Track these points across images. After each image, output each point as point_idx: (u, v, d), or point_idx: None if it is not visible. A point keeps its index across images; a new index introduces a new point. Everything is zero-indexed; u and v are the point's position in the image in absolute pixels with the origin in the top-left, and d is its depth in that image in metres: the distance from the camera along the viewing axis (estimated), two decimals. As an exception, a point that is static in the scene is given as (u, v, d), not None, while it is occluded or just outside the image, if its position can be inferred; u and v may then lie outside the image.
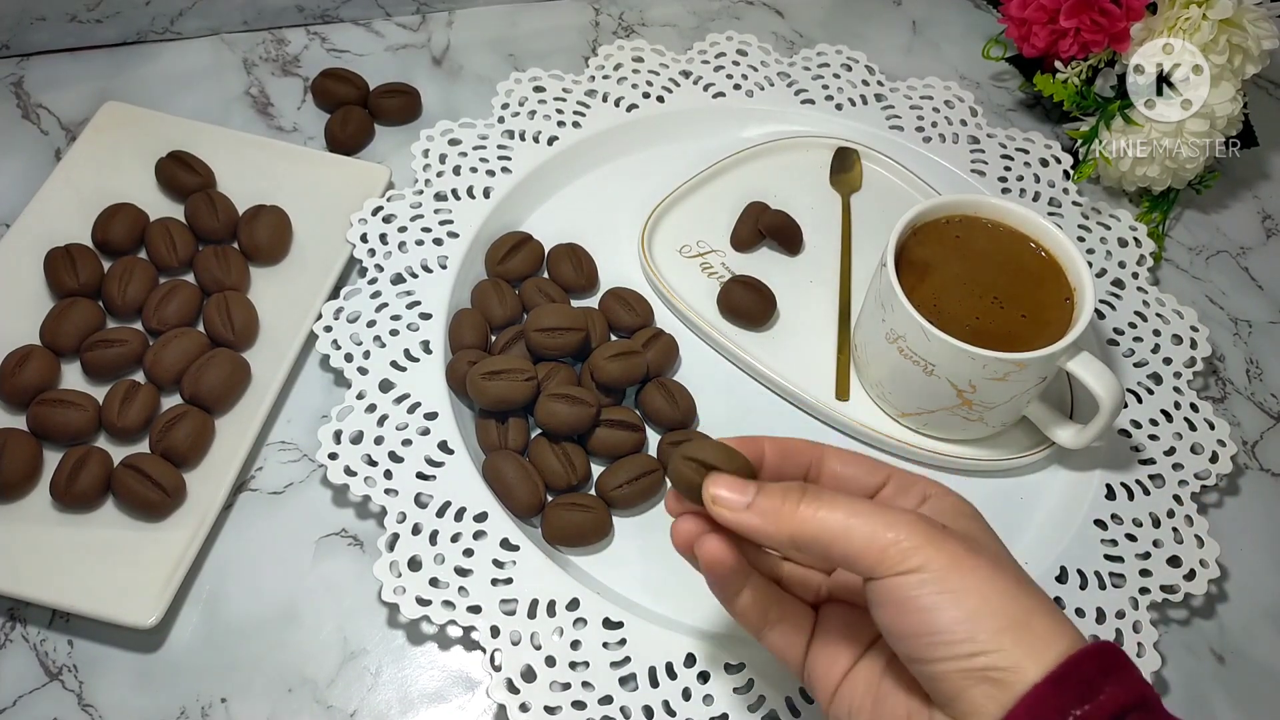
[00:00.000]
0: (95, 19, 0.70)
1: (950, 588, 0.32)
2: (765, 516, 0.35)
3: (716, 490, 0.36)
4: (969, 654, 0.32)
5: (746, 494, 0.35)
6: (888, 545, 0.33)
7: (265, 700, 0.49)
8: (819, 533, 0.34)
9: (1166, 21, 0.64)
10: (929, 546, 0.33)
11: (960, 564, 0.32)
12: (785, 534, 0.34)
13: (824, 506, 0.34)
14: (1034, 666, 0.31)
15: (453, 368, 0.55)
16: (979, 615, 0.32)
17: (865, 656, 0.38)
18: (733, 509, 0.35)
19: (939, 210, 0.56)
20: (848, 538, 0.33)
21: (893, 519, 0.33)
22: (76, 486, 0.51)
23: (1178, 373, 0.60)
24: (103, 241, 0.60)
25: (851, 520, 0.34)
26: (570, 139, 0.66)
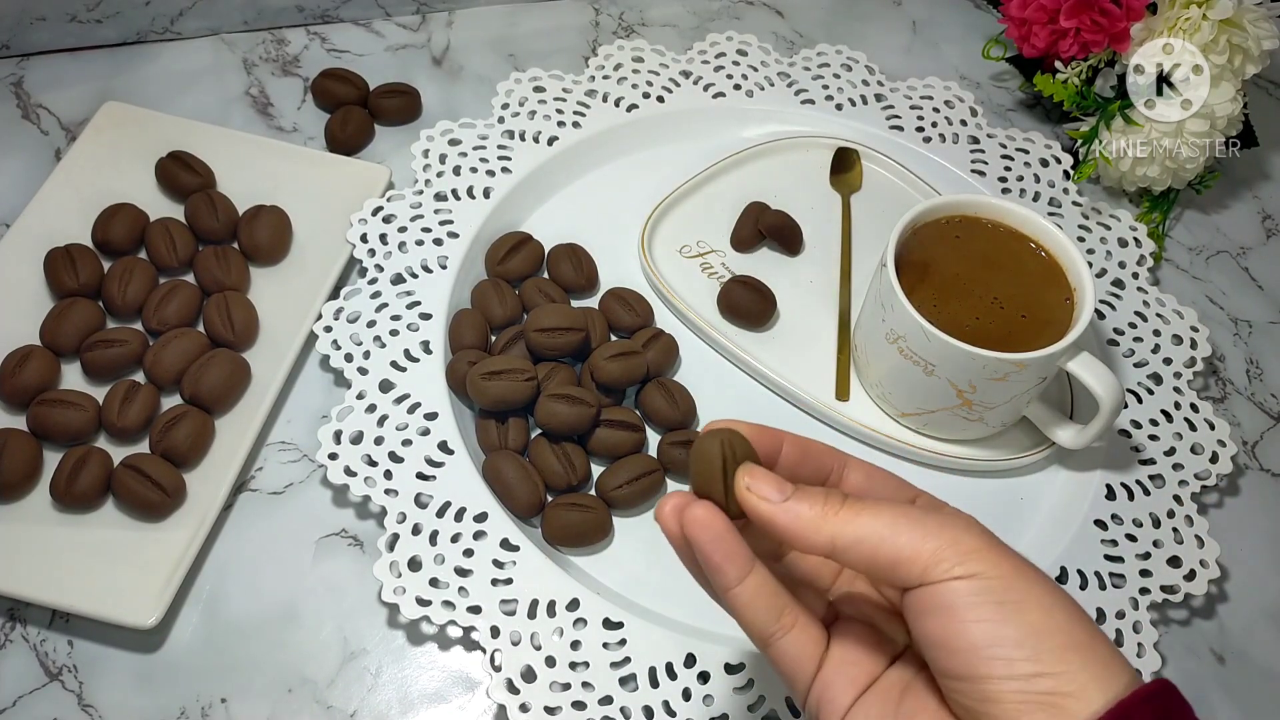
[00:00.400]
0: (95, 19, 0.70)
1: (1012, 598, 0.29)
2: (803, 515, 0.31)
3: (752, 480, 0.32)
4: (1031, 674, 0.28)
5: (784, 490, 0.32)
6: (942, 547, 0.29)
7: (265, 700, 0.49)
8: (863, 534, 0.31)
9: (1166, 21, 0.64)
10: (989, 551, 0.29)
11: (1023, 573, 0.29)
12: (825, 535, 0.31)
13: (867, 510, 0.31)
14: (1099, 696, 0.28)
15: (453, 368, 0.55)
16: (1044, 631, 0.29)
17: (883, 677, 0.34)
18: (770, 500, 0.32)
19: (939, 210, 0.56)
20: (895, 539, 0.30)
21: (945, 521, 0.30)
22: (76, 487, 0.51)
23: (1178, 373, 0.60)
24: (103, 241, 0.60)
25: (899, 520, 0.30)
26: (570, 139, 0.66)
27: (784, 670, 0.34)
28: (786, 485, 0.32)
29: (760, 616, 0.33)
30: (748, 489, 0.32)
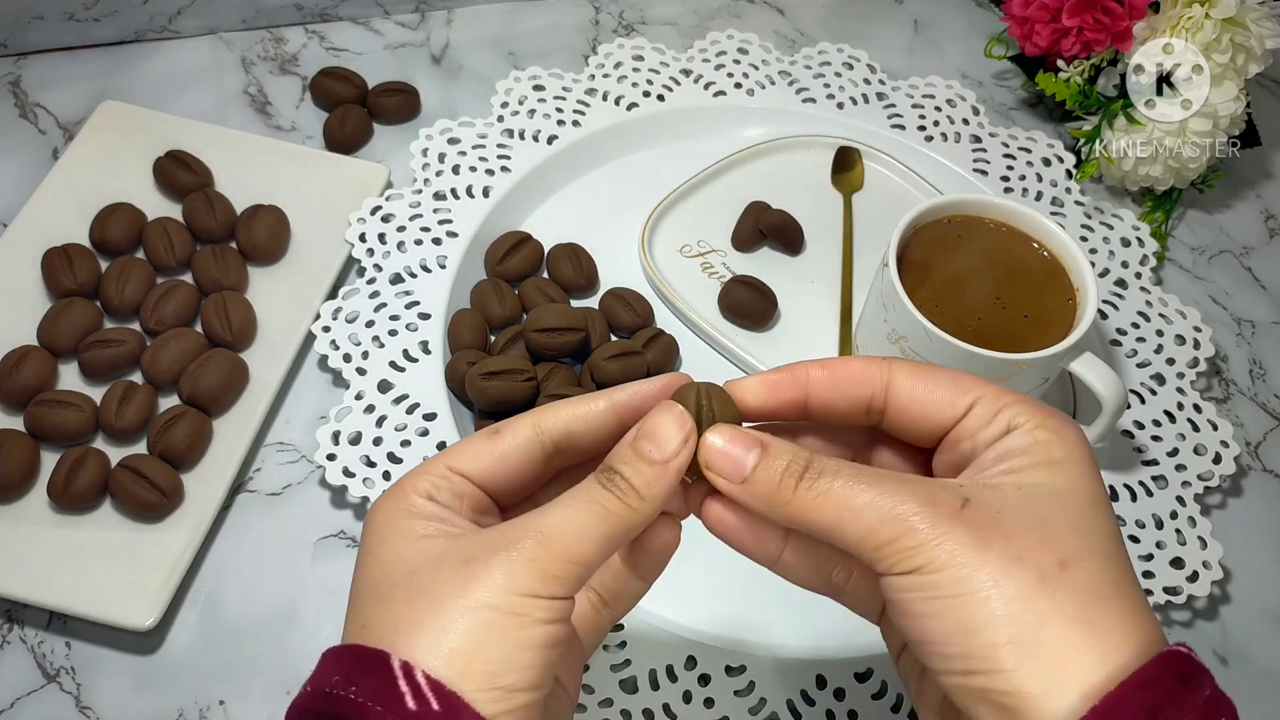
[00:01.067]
0: (93, 18, 0.70)
1: (946, 591, 0.27)
2: (759, 498, 0.30)
3: (710, 459, 0.31)
4: (965, 671, 0.27)
5: (745, 465, 0.30)
6: (883, 543, 0.28)
7: (264, 702, 0.49)
8: (816, 523, 0.29)
9: (1169, 20, 0.63)
10: (930, 544, 0.27)
11: (963, 561, 0.27)
12: (782, 520, 0.30)
13: (820, 494, 0.29)
14: (1044, 695, 0.25)
15: (452, 368, 0.55)
16: (974, 627, 0.26)
17: None
18: (730, 480, 0.30)
19: (941, 210, 0.56)
20: (843, 531, 0.29)
21: (894, 510, 0.28)
22: (74, 487, 0.51)
23: (1181, 373, 0.59)
24: (100, 241, 0.60)
25: (845, 513, 0.29)
26: (570, 138, 0.65)
27: (858, 613, 0.35)
28: (744, 463, 0.30)
29: (810, 580, 0.34)
30: (706, 467, 0.31)
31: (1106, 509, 0.29)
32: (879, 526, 0.28)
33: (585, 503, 0.30)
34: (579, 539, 0.29)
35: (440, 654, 0.26)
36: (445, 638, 0.27)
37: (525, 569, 0.28)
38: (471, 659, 0.26)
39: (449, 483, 0.31)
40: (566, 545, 0.28)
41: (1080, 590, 0.27)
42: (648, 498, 0.30)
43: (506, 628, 0.27)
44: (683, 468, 0.31)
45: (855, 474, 0.29)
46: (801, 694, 0.48)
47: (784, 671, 0.49)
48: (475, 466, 0.31)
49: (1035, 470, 0.29)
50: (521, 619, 0.27)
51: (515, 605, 0.27)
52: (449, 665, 0.26)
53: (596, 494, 0.30)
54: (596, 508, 0.29)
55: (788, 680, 0.48)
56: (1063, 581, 0.27)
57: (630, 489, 0.30)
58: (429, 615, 0.27)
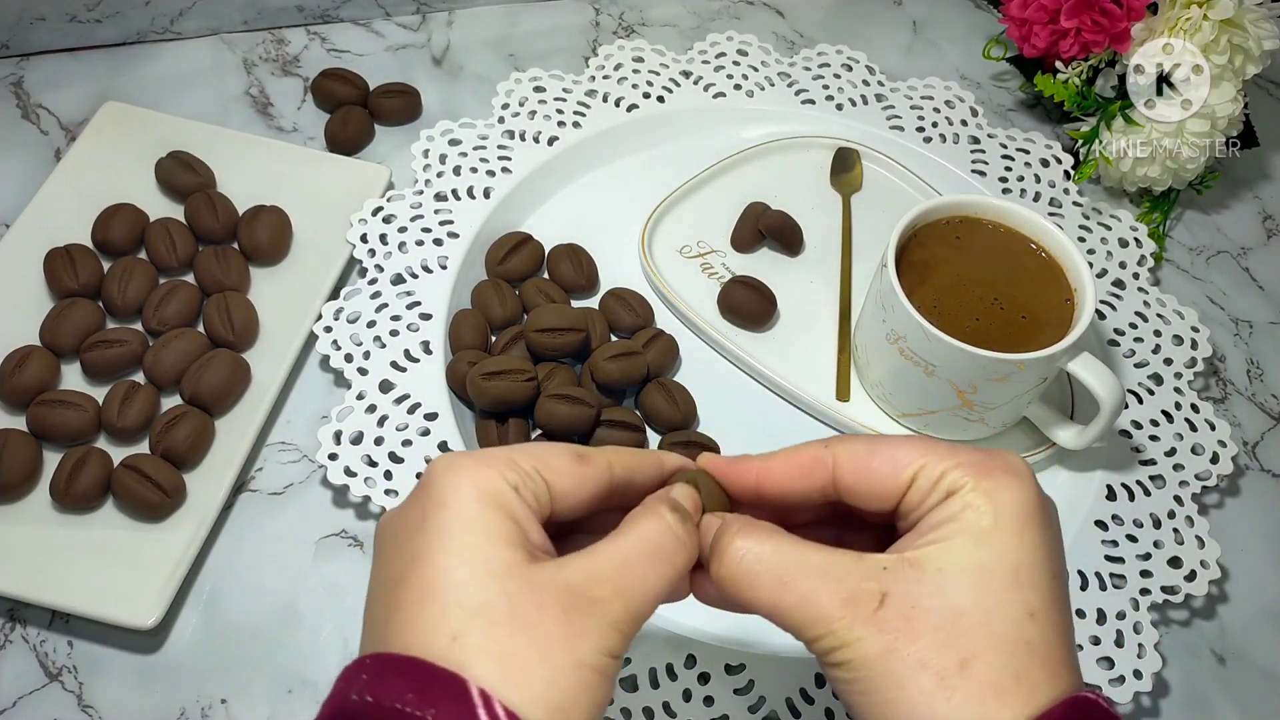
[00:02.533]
0: (95, 19, 0.70)
1: (865, 688, 0.29)
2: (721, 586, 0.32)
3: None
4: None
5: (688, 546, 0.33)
6: (811, 640, 0.30)
7: (265, 701, 0.49)
8: (755, 607, 0.31)
9: (1167, 22, 0.64)
10: (850, 646, 0.29)
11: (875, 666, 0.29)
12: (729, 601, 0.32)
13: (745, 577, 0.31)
14: None
15: (453, 368, 0.55)
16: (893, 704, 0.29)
17: None
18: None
19: (940, 211, 0.56)
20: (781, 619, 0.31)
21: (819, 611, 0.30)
22: (76, 487, 0.51)
23: (1178, 373, 0.60)
24: (102, 242, 0.60)
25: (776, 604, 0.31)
26: (570, 139, 0.66)
27: None
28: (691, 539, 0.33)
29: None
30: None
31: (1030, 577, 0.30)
32: (807, 625, 0.30)
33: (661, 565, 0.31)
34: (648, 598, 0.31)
35: (546, 706, 0.27)
36: (553, 692, 0.28)
37: (612, 630, 0.29)
38: (569, 716, 0.28)
39: (535, 485, 0.31)
40: (641, 607, 0.30)
41: (977, 688, 0.28)
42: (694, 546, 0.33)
43: (597, 687, 0.29)
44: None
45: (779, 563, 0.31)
46: (801, 692, 0.48)
47: (783, 670, 0.49)
48: (559, 482, 0.32)
49: (959, 544, 0.30)
50: (606, 678, 0.29)
51: (605, 667, 0.29)
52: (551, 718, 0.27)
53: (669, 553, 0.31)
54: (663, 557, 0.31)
55: (787, 679, 0.48)
56: (960, 684, 0.28)
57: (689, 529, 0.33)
58: (537, 663, 0.28)
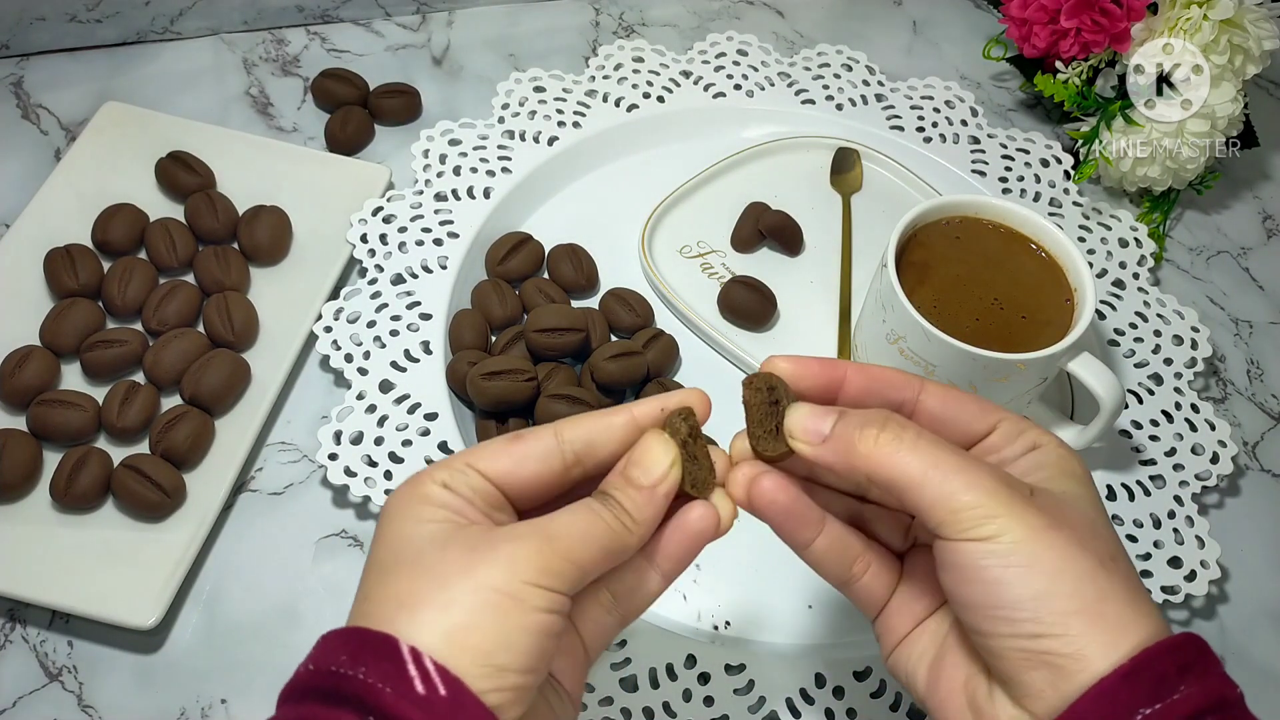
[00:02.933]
0: (95, 19, 0.70)
1: (1020, 561, 0.30)
2: (838, 451, 0.32)
3: (792, 422, 0.33)
4: (1031, 634, 0.29)
5: (825, 423, 0.32)
6: (962, 508, 0.30)
7: (265, 701, 0.49)
8: (893, 476, 0.31)
9: (1167, 22, 0.64)
10: (1006, 514, 0.30)
11: (1037, 537, 0.30)
12: (860, 471, 0.32)
13: (904, 447, 0.31)
14: (1102, 656, 0.29)
15: (453, 368, 0.55)
16: (1047, 595, 0.29)
17: (936, 614, 0.35)
18: (811, 443, 0.32)
19: (939, 211, 0.56)
20: (920, 489, 0.31)
21: (974, 478, 0.31)
22: (76, 487, 0.51)
23: (1178, 373, 0.60)
24: (102, 242, 0.60)
25: (930, 471, 0.31)
26: (570, 139, 0.66)
27: (860, 607, 0.37)
28: (828, 416, 0.33)
29: (833, 569, 0.35)
30: (791, 436, 0.33)
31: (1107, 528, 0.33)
32: (961, 490, 0.30)
33: (588, 512, 0.31)
34: (581, 543, 0.31)
35: (441, 628, 0.28)
36: (447, 614, 0.28)
37: (529, 559, 0.29)
38: (469, 635, 0.28)
39: (466, 477, 0.32)
40: (570, 546, 0.30)
41: (1124, 579, 0.31)
42: (639, 520, 0.32)
43: (507, 609, 0.28)
44: (670, 492, 0.32)
45: (935, 438, 0.32)
46: (801, 692, 0.48)
47: (783, 670, 0.49)
48: (493, 466, 0.32)
49: (1066, 481, 0.33)
50: (521, 603, 0.29)
51: (517, 590, 0.29)
52: (448, 640, 0.28)
53: (597, 508, 0.32)
54: (597, 519, 0.31)
55: (787, 678, 0.48)
56: (1113, 570, 0.31)
57: (623, 511, 0.32)
58: (433, 592, 0.29)
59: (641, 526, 0.32)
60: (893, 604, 0.36)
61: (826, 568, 0.35)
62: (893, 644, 0.36)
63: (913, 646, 0.35)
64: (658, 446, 0.33)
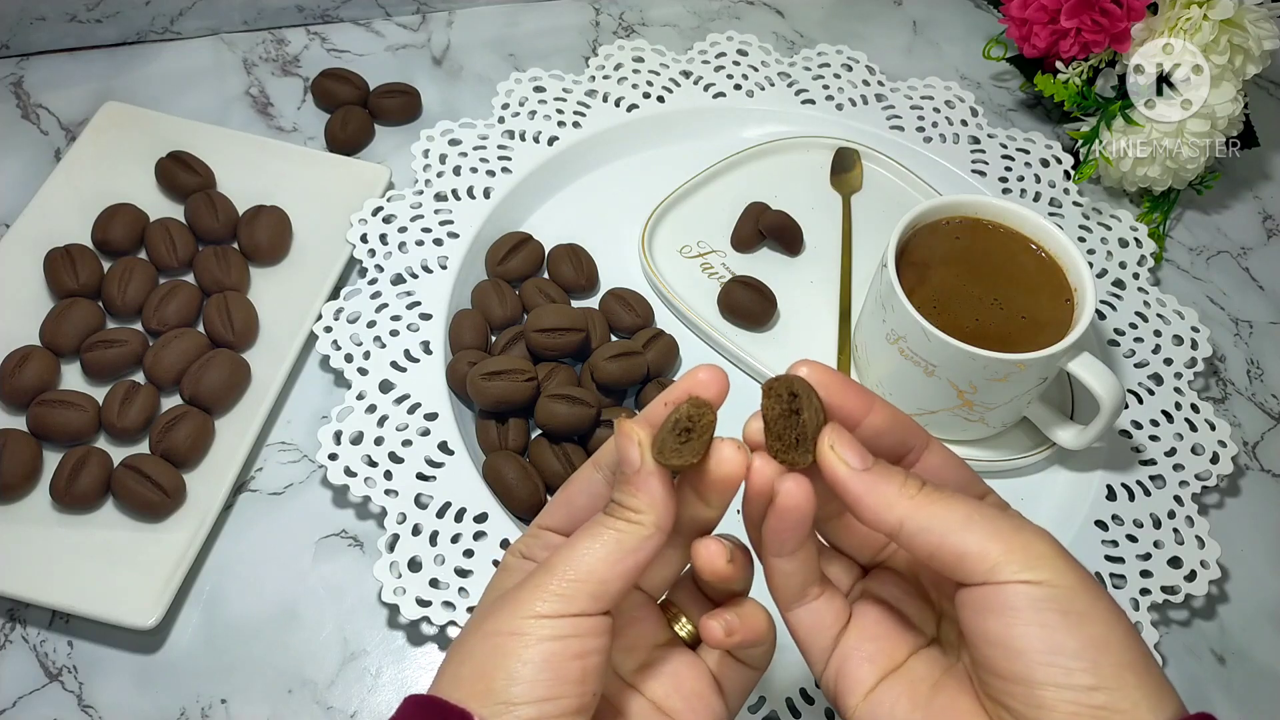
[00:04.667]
0: (95, 19, 0.70)
1: (1077, 608, 0.29)
2: (878, 490, 0.31)
3: (839, 443, 0.31)
4: (1087, 686, 0.28)
5: (866, 460, 0.31)
6: (1011, 550, 0.29)
7: (265, 701, 0.49)
8: (934, 524, 0.30)
9: (1167, 22, 0.64)
10: (1058, 560, 0.29)
11: (1088, 586, 0.29)
12: (895, 515, 0.30)
13: (943, 499, 0.31)
14: (1151, 717, 0.28)
15: (453, 368, 0.55)
16: (1104, 645, 0.28)
17: (913, 660, 0.34)
18: (851, 467, 0.31)
19: (939, 211, 0.56)
20: (964, 534, 0.30)
21: (1018, 524, 0.30)
22: (76, 487, 0.51)
23: (1178, 373, 0.60)
24: (102, 242, 0.60)
25: (974, 517, 0.30)
26: (570, 139, 0.66)
27: (799, 636, 0.35)
28: (868, 455, 0.31)
29: (792, 586, 0.34)
30: (831, 448, 0.31)
31: None
32: (1011, 532, 0.30)
33: (590, 526, 0.32)
34: (584, 559, 0.31)
35: (458, 679, 0.30)
36: (463, 666, 0.31)
37: (529, 594, 0.31)
38: (478, 679, 0.30)
39: (538, 539, 0.34)
40: (571, 566, 0.31)
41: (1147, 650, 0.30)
42: (640, 508, 0.31)
43: (509, 648, 0.30)
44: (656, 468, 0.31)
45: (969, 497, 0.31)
46: (801, 692, 0.48)
47: (783, 670, 0.49)
48: (554, 518, 0.35)
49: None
50: (523, 638, 0.30)
51: (518, 627, 0.30)
52: (464, 688, 0.30)
53: (599, 517, 0.32)
54: (597, 528, 0.32)
55: (787, 679, 0.48)
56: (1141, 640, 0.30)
57: (621, 508, 0.32)
58: (455, 648, 0.32)
59: (649, 514, 0.31)
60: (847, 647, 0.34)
61: (790, 580, 0.34)
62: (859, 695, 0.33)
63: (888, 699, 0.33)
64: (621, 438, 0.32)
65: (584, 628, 0.30)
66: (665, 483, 0.31)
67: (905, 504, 0.30)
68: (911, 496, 0.31)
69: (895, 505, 0.30)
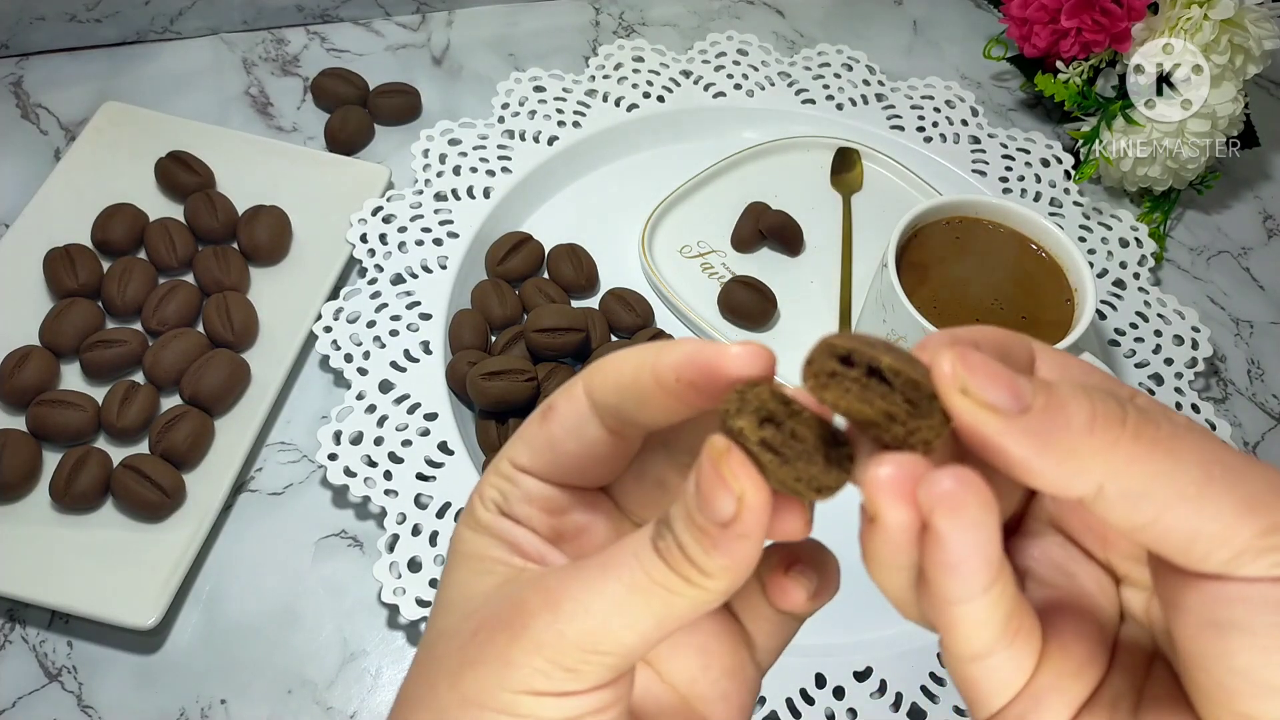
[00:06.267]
0: (94, 18, 0.70)
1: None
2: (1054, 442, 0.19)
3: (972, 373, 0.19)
4: None
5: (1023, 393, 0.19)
6: (1270, 529, 0.18)
7: (265, 702, 0.49)
8: (1151, 486, 0.19)
9: (1168, 21, 0.63)
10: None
11: None
12: (1092, 477, 0.19)
13: (1165, 440, 0.19)
14: None
15: (453, 368, 0.55)
16: None
17: (1110, 676, 0.22)
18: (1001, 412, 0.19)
19: (940, 211, 0.56)
20: (1203, 501, 0.18)
21: (1275, 485, 0.19)
22: (76, 487, 0.51)
23: (1179, 373, 0.60)
24: (102, 242, 0.60)
25: (1215, 471, 0.19)
26: (570, 139, 0.66)
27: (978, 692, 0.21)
28: (1022, 383, 0.19)
29: (989, 633, 0.20)
30: (964, 392, 0.19)
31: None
32: (1258, 506, 0.18)
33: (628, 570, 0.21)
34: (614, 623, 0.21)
35: None
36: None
37: (525, 659, 0.21)
38: None
39: (515, 485, 0.24)
40: (589, 630, 0.21)
41: None
42: (716, 572, 0.20)
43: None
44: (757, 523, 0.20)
45: (1197, 426, 0.20)
46: (801, 692, 0.48)
47: (783, 670, 0.49)
48: (533, 459, 0.24)
49: None
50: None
51: (509, 705, 0.21)
52: None
53: (645, 561, 0.21)
54: (642, 579, 0.21)
55: (787, 678, 0.48)
56: None
57: (687, 564, 0.20)
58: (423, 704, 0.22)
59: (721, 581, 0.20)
60: (1040, 688, 0.21)
61: (984, 629, 0.20)
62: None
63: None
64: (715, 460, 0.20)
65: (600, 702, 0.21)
66: (760, 546, 0.21)
67: (1104, 457, 0.19)
68: (1114, 442, 0.19)
69: (1089, 462, 0.19)
